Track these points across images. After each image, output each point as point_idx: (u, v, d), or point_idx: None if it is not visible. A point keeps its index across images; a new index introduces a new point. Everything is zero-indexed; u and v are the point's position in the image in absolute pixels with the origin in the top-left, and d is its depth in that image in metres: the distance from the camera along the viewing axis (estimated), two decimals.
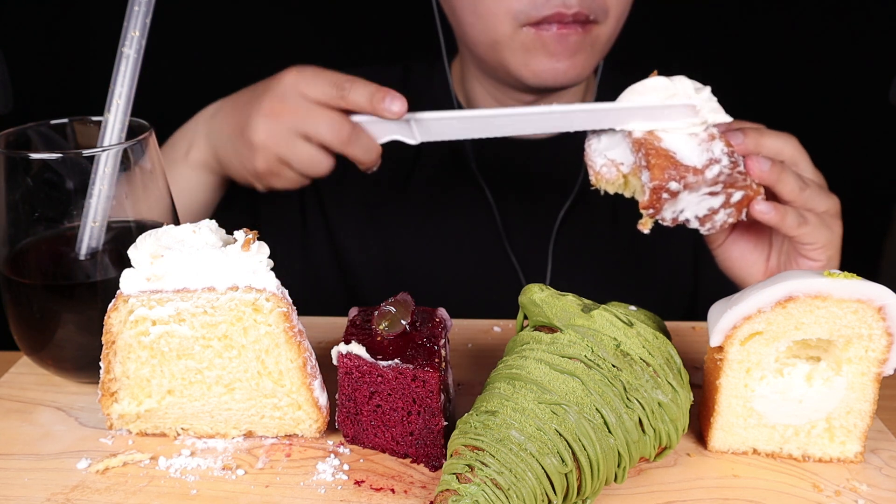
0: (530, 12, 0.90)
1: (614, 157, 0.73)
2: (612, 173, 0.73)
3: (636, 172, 0.70)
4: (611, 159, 0.73)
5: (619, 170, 0.72)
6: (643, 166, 0.69)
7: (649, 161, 0.68)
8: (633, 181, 0.72)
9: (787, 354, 0.58)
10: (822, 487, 0.57)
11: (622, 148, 0.73)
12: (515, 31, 0.92)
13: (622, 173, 0.72)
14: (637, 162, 0.70)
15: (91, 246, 0.65)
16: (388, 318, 0.59)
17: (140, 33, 0.66)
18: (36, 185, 0.64)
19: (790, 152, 0.76)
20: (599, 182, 0.74)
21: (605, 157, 0.73)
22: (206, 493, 0.56)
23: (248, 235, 0.57)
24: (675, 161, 0.68)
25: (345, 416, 0.61)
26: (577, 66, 0.94)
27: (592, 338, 0.55)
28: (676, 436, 0.56)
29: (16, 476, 0.58)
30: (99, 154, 0.64)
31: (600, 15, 0.92)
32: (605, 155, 0.73)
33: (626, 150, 0.72)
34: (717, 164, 0.69)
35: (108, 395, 0.61)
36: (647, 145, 0.69)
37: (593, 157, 0.74)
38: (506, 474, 0.50)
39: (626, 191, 0.73)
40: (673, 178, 0.68)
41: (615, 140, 0.73)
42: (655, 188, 0.68)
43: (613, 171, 0.73)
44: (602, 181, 0.74)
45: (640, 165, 0.69)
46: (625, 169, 0.72)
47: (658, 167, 0.68)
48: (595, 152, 0.75)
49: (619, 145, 0.73)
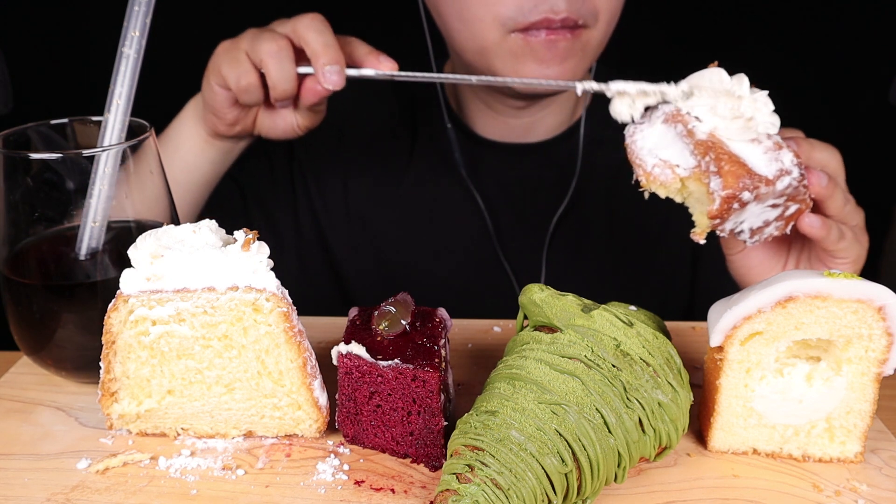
0: (518, 18, 0.89)
1: (668, 157, 0.66)
2: (668, 175, 0.65)
3: (699, 177, 0.64)
4: (664, 160, 0.66)
5: (675, 172, 0.65)
6: (712, 172, 0.63)
7: (721, 167, 0.62)
8: (693, 186, 0.65)
9: (787, 354, 0.58)
10: (822, 487, 0.57)
11: (678, 147, 0.66)
12: (503, 38, 0.91)
13: (679, 176, 0.65)
14: (702, 166, 0.64)
15: (91, 246, 0.65)
16: (388, 318, 0.59)
17: (140, 33, 0.66)
18: (36, 185, 0.64)
19: (835, 165, 0.74)
20: (652, 184, 0.66)
21: (657, 156, 0.66)
22: (206, 493, 0.56)
23: (248, 235, 0.57)
24: (748, 169, 0.63)
25: (345, 416, 0.61)
26: (568, 72, 0.92)
27: (592, 338, 0.55)
28: (676, 436, 0.56)
29: (16, 476, 0.58)
30: (99, 154, 0.64)
31: (590, 19, 0.90)
32: (656, 154, 0.67)
33: (684, 151, 0.66)
34: (787, 175, 0.64)
35: (108, 395, 0.61)
36: (717, 149, 0.63)
37: (641, 155, 0.67)
38: (506, 474, 0.50)
39: (680, 196, 0.67)
40: (747, 188, 0.62)
41: (668, 138, 0.67)
42: (728, 197, 0.62)
43: (669, 174, 0.65)
44: (655, 183, 0.66)
45: (708, 171, 0.63)
46: (682, 172, 0.65)
47: (732, 174, 0.62)
48: (642, 150, 0.67)
49: (673, 144, 0.66)
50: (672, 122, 0.66)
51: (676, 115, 0.67)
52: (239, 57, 0.82)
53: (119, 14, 0.66)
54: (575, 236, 1.10)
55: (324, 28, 0.80)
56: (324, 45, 0.79)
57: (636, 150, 0.67)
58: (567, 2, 0.88)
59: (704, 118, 0.66)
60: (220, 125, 0.88)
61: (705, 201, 0.64)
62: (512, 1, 0.88)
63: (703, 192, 0.63)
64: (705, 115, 0.66)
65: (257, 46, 0.80)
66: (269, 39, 0.80)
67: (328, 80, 0.79)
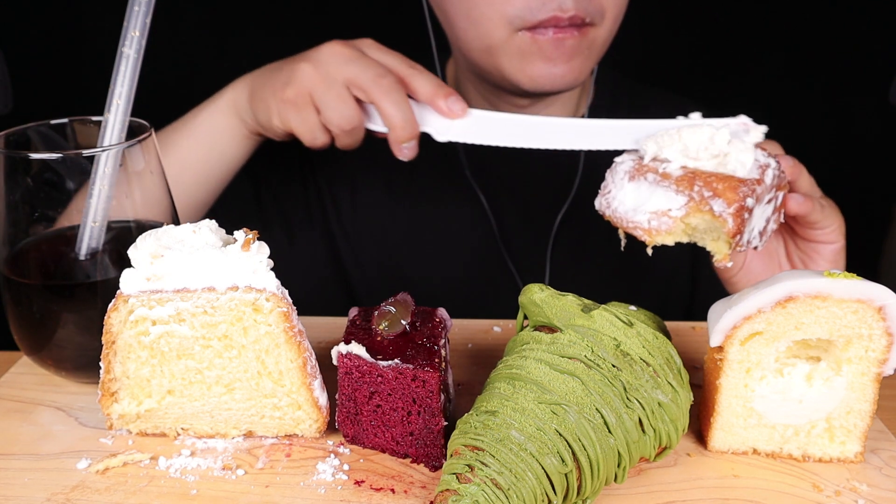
0: (526, 17, 0.89)
1: (656, 207, 0.65)
2: (667, 223, 0.65)
3: (698, 209, 0.63)
4: (653, 211, 0.65)
5: (672, 216, 0.64)
6: (709, 197, 0.63)
7: (715, 189, 0.63)
8: (695, 220, 0.64)
9: (787, 354, 0.58)
10: (822, 487, 0.57)
11: (659, 194, 0.65)
12: (511, 36, 0.91)
13: (678, 218, 0.64)
14: (695, 198, 0.63)
15: (91, 246, 0.65)
16: (388, 318, 0.59)
17: (140, 33, 0.66)
18: (36, 185, 0.64)
19: (779, 146, 0.78)
20: (657, 237, 0.65)
21: (646, 211, 0.66)
22: (206, 493, 0.56)
23: (248, 235, 0.57)
24: (739, 178, 0.63)
25: (345, 416, 0.61)
26: (575, 71, 0.93)
27: (592, 338, 0.55)
28: (676, 436, 0.56)
29: (16, 476, 0.58)
30: (99, 154, 0.64)
31: (597, 17, 0.91)
32: (643, 210, 0.66)
33: (668, 194, 0.65)
34: (769, 168, 0.66)
35: (108, 395, 0.61)
36: (700, 176, 0.64)
37: (630, 218, 0.66)
38: (506, 474, 0.50)
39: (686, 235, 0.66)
40: (748, 195, 0.63)
41: (644, 190, 0.66)
42: (738, 210, 0.62)
43: (667, 221, 0.65)
44: (660, 236, 0.65)
45: (703, 198, 0.63)
46: (678, 213, 0.64)
47: (729, 189, 0.62)
48: (627, 213, 0.67)
49: (652, 194, 0.66)
50: (639, 175, 0.67)
51: (640, 168, 0.67)
52: (309, 119, 0.83)
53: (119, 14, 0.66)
54: (578, 235, 1.10)
55: (399, 98, 0.80)
56: (402, 121, 0.80)
57: (622, 217, 0.67)
58: (575, 0, 0.88)
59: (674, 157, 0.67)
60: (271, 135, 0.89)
61: (713, 228, 0.64)
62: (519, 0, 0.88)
63: (708, 220, 0.63)
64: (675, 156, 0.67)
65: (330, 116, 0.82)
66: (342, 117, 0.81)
67: (404, 156, 0.81)
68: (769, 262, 0.82)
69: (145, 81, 0.69)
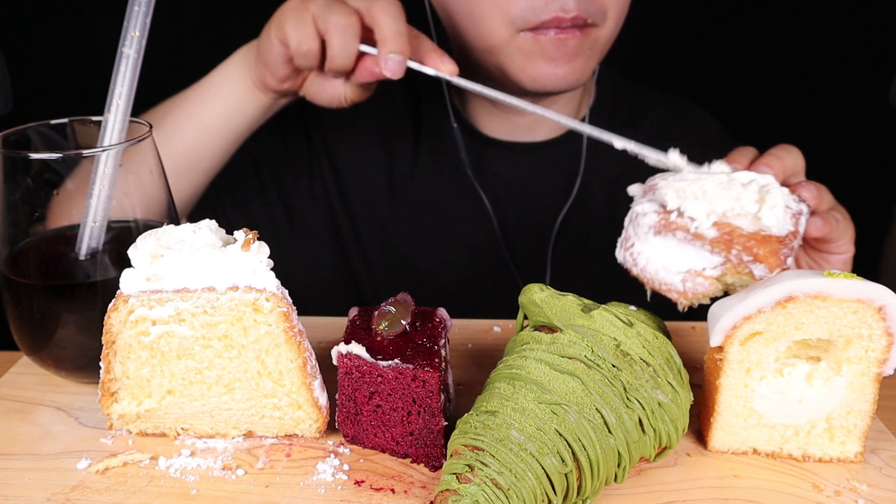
0: (528, 17, 0.89)
1: (689, 266, 0.63)
2: (704, 285, 0.63)
3: (735, 270, 0.62)
4: (686, 271, 0.63)
5: (707, 276, 0.63)
6: (748, 261, 0.61)
7: (756, 254, 0.61)
8: (733, 280, 0.63)
9: (787, 354, 0.58)
10: (822, 487, 0.57)
11: (690, 252, 0.63)
12: (513, 37, 0.91)
13: (713, 277, 0.63)
14: (732, 261, 0.62)
15: (91, 246, 0.65)
16: (388, 318, 0.59)
17: (140, 33, 0.66)
18: (36, 185, 0.64)
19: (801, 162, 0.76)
20: (693, 300, 0.64)
21: (678, 272, 0.63)
22: (206, 493, 0.56)
23: (248, 235, 0.57)
24: (778, 239, 0.62)
25: (345, 416, 0.61)
26: (577, 71, 0.93)
27: (592, 338, 0.55)
28: (676, 436, 0.56)
29: (16, 476, 0.58)
30: (99, 154, 0.64)
31: (598, 18, 0.91)
32: (675, 270, 0.64)
33: (701, 253, 0.63)
34: (801, 215, 0.64)
35: (108, 395, 0.61)
36: (738, 239, 0.61)
37: (662, 279, 0.64)
38: (506, 474, 0.50)
39: (721, 292, 0.64)
40: (788, 255, 0.62)
41: (673, 248, 0.64)
42: (780, 271, 0.61)
43: (703, 282, 0.63)
44: (697, 297, 0.64)
45: (743, 262, 0.61)
46: (714, 272, 0.63)
47: (770, 254, 0.61)
48: (657, 272, 0.64)
49: (682, 251, 0.63)
50: (666, 231, 0.63)
51: (667, 224, 0.63)
52: (306, 20, 0.81)
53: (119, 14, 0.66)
54: (580, 235, 1.10)
55: (398, 15, 0.80)
56: (394, 33, 0.79)
57: (653, 277, 0.64)
58: (577, 1, 0.88)
59: (699, 216, 0.63)
60: (269, 78, 0.88)
61: (750, 283, 0.62)
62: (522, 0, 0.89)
63: (747, 280, 0.62)
64: (701, 215, 0.63)
65: (327, 16, 0.80)
66: (339, 12, 0.80)
67: (388, 68, 0.79)
68: None
69: (145, 81, 0.69)
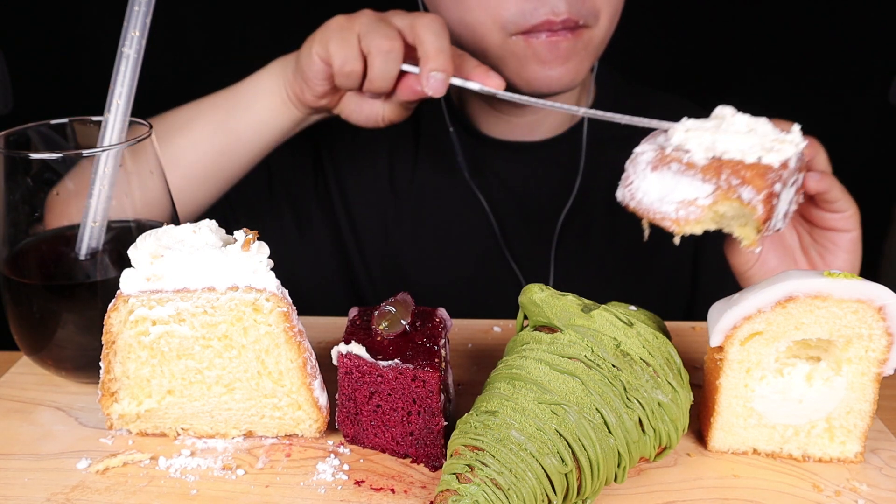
0: (519, 21, 0.89)
1: (682, 196, 0.65)
2: (695, 212, 0.65)
3: (726, 196, 0.64)
4: (680, 201, 0.66)
5: (699, 204, 0.65)
6: (736, 185, 0.63)
7: (743, 176, 0.63)
8: (724, 208, 0.65)
9: (787, 354, 0.58)
10: (822, 487, 0.57)
11: (685, 183, 0.65)
12: (504, 41, 0.92)
13: (706, 206, 0.65)
14: (722, 186, 0.64)
15: (91, 246, 0.65)
16: (388, 318, 0.59)
17: (140, 33, 0.66)
18: (36, 185, 0.64)
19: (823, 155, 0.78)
20: (686, 227, 0.66)
21: (672, 202, 0.66)
22: (206, 493, 0.56)
23: (248, 235, 0.57)
24: (764, 164, 0.63)
25: (345, 416, 0.61)
26: (571, 72, 0.93)
27: (592, 338, 0.55)
28: (676, 436, 0.56)
29: (16, 476, 0.58)
30: (99, 154, 0.64)
31: (591, 19, 0.91)
32: (669, 201, 0.66)
33: (694, 183, 0.65)
34: (795, 157, 0.66)
35: (108, 395, 0.61)
36: (727, 164, 0.64)
37: (657, 209, 0.66)
38: (506, 474, 0.50)
39: (714, 223, 0.66)
40: (775, 181, 0.63)
41: (668, 180, 0.66)
42: (767, 197, 0.62)
43: (695, 210, 0.65)
44: (688, 225, 0.65)
45: (731, 186, 0.63)
46: (706, 201, 0.64)
47: (757, 177, 0.62)
48: (653, 204, 0.67)
49: (677, 183, 0.66)
50: (662, 165, 0.66)
51: (663, 158, 0.66)
52: (351, 40, 0.81)
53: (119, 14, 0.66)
54: (581, 235, 1.10)
55: (442, 32, 0.80)
56: (437, 50, 0.78)
57: (648, 208, 0.67)
58: (567, 3, 0.88)
59: (697, 150, 0.65)
60: (307, 94, 0.87)
61: (742, 215, 0.64)
62: (513, 4, 0.89)
63: (737, 207, 0.63)
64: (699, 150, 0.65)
65: (371, 37, 0.80)
66: (384, 35, 0.79)
67: (431, 86, 0.78)
68: (784, 256, 0.80)
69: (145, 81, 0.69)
